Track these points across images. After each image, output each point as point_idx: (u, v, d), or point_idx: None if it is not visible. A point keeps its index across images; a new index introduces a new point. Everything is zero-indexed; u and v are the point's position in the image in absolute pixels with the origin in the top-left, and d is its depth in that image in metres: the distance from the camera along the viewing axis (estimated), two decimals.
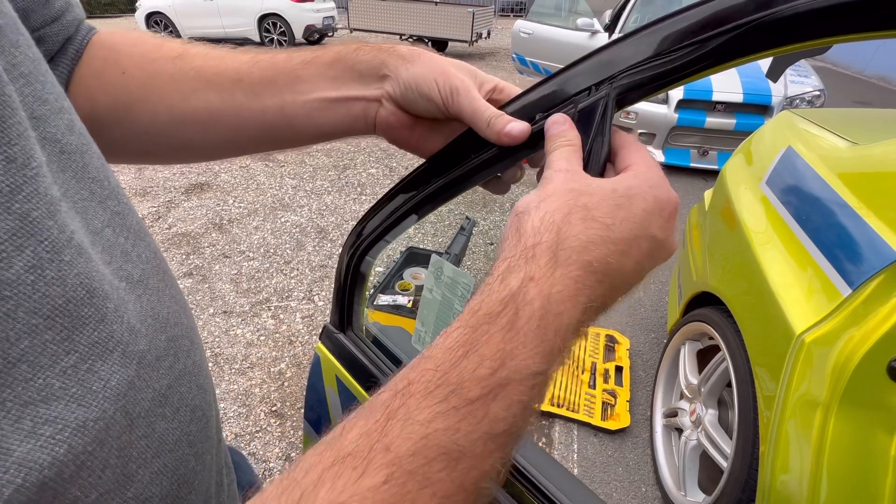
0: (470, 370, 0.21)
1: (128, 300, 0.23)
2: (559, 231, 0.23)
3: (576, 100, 0.31)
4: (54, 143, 0.22)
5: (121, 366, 0.21)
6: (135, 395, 0.22)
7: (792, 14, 0.24)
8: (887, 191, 1.03)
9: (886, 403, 0.87)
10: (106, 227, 0.24)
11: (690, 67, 0.28)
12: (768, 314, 1.10)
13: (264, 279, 2.52)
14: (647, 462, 1.61)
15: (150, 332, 0.24)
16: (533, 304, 0.22)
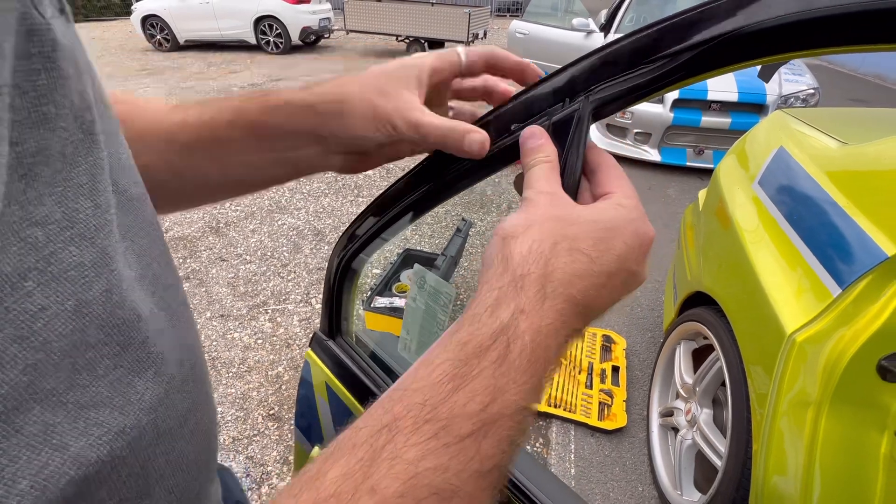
0: (461, 405, 0.20)
1: (164, 328, 0.25)
2: (547, 262, 0.24)
3: (549, 112, 0.31)
4: (123, 192, 0.25)
5: (154, 383, 0.23)
6: (164, 412, 0.24)
7: (759, 30, 0.25)
8: (877, 190, 1.04)
9: (877, 402, 0.88)
10: (154, 262, 0.27)
11: (664, 80, 0.29)
12: (760, 314, 1.11)
13: (261, 282, 2.52)
14: (644, 461, 1.62)
15: (178, 358, 0.26)
16: (524, 338, 0.22)
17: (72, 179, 0.21)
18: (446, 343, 0.23)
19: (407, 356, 0.44)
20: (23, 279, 0.19)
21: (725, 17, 0.26)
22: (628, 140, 3.98)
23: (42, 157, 0.20)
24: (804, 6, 0.23)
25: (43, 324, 0.19)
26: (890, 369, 0.85)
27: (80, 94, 0.22)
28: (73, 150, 0.21)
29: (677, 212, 3.27)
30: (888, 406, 0.87)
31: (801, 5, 0.23)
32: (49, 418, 0.19)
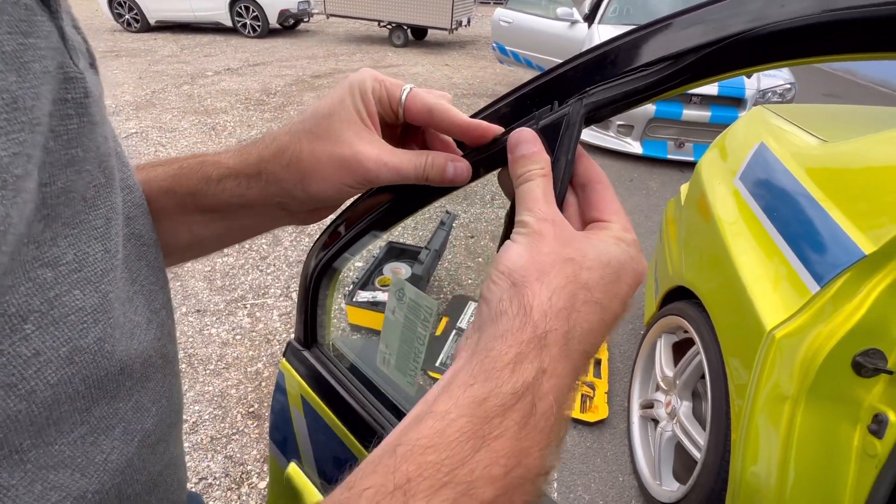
0: (482, 468, 0.19)
1: (152, 376, 0.25)
2: (569, 318, 0.22)
3: (537, 115, 0.29)
4: (139, 237, 0.26)
5: (122, 442, 0.22)
6: (131, 475, 0.23)
7: (769, 33, 0.23)
8: (855, 189, 1.05)
9: (851, 396, 0.90)
10: (162, 309, 0.27)
11: (665, 84, 0.26)
12: (740, 310, 1.12)
13: (239, 276, 2.45)
14: (625, 452, 1.65)
15: (160, 413, 0.25)
16: (548, 399, 0.21)
17: (89, 222, 0.21)
18: (456, 396, 0.21)
19: (386, 370, 0.41)
20: (24, 321, 0.18)
21: (734, 17, 0.24)
22: (611, 132, 4.00)
23: (66, 198, 0.20)
24: (822, 7, 0.21)
25: (34, 371, 0.18)
26: (864, 365, 0.87)
27: (104, 139, 0.22)
28: (95, 193, 0.22)
29: (658, 204, 3.31)
30: (861, 401, 0.89)
31: (820, 6, 0.21)
32: (5, 480, 0.17)
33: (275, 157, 0.30)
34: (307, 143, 0.29)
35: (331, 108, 0.29)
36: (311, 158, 0.29)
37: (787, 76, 3.91)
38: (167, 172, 0.32)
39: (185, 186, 0.32)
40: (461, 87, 5.99)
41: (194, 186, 0.32)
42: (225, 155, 0.32)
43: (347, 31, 9.71)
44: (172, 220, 0.32)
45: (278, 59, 6.89)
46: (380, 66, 6.89)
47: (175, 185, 0.32)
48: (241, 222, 0.34)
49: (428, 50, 8.44)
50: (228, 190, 0.31)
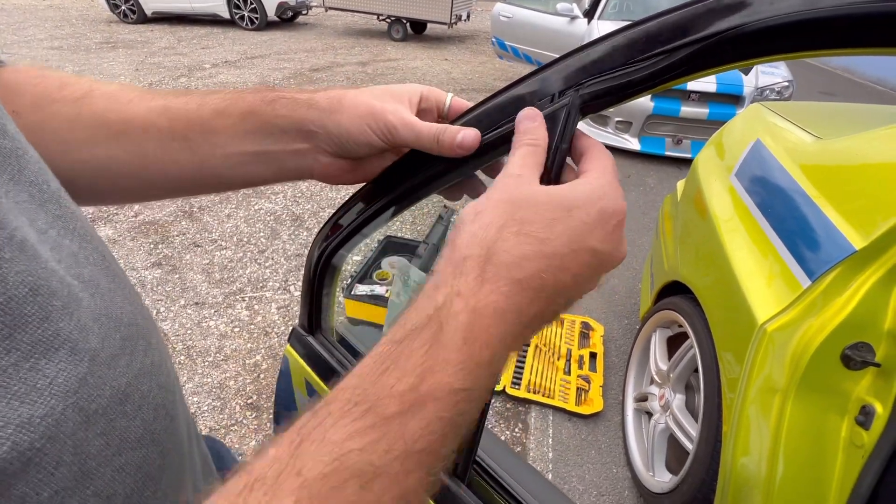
0: (388, 386, 0.20)
1: (81, 297, 0.23)
2: (491, 246, 0.23)
3: (538, 105, 0.30)
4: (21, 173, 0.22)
5: (69, 363, 0.21)
6: (88, 392, 0.22)
7: (761, 28, 0.24)
8: (847, 185, 1.07)
9: (839, 389, 0.92)
10: (50, 229, 0.24)
11: (659, 77, 0.28)
12: (733, 304, 1.14)
13: (238, 269, 2.46)
14: (619, 445, 1.67)
15: (103, 331, 0.24)
16: (458, 318, 0.21)
17: None
18: (391, 331, 0.23)
19: None
20: None
21: (727, 13, 0.25)
22: (609, 128, 4.01)
23: None
24: (810, 5, 0.22)
25: None
26: (853, 358, 0.89)
27: None
28: None
29: (656, 200, 3.33)
30: (850, 393, 0.91)
31: (808, 4, 0.22)
32: None
33: (325, 93, 0.35)
34: (354, 91, 0.35)
35: (387, 87, 0.36)
36: (352, 100, 0.34)
37: (785, 74, 3.92)
38: (221, 96, 0.35)
39: (238, 107, 0.35)
40: (460, 82, 5.98)
41: (248, 107, 0.34)
42: (285, 90, 0.36)
43: (346, 24, 9.64)
44: (214, 141, 0.35)
45: (276, 52, 6.85)
46: (378, 60, 6.86)
47: (229, 106, 0.35)
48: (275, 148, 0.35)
49: (427, 44, 8.40)
50: (277, 108, 0.34)
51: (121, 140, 0.34)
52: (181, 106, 0.35)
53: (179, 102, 0.35)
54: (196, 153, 0.35)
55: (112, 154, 0.34)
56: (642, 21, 0.28)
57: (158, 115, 0.34)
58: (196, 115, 0.34)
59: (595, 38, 0.29)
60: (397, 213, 0.41)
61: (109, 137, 0.34)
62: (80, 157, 0.34)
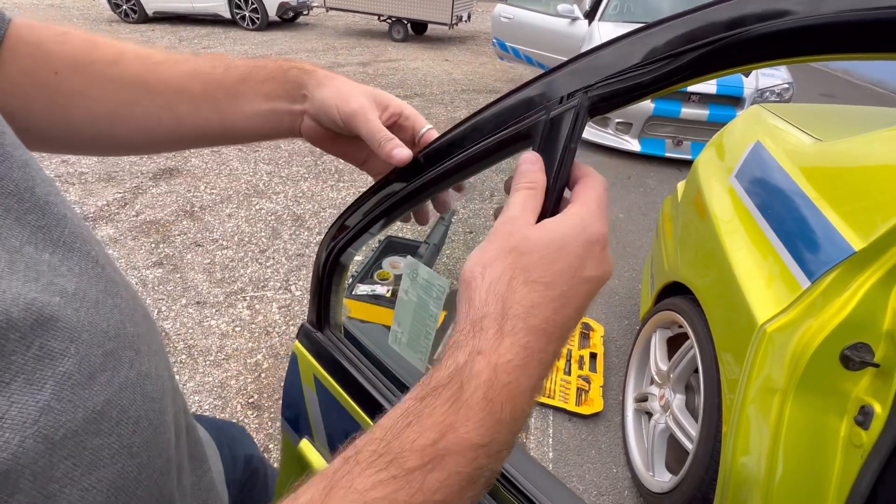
0: (411, 440, 0.21)
1: (58, 317, 0.22)
2: (504, 301, 0.24)
3: (548, 106, 0.31)
4: None
5: (24, 394, 0.20)
6: (54, 419, 0.21)
7: (765, 33, 0.25)
8: (846, 186, 1.08)
9: (839, 389, 0.93)
10: (26, 245, 0.23)
11: (666, 80, 0.28)
12: (733, 304, 1.15)
13: (239, 268, 2.46)
14: (619, 445, 1.68)
15: (81, 350, 0.23)
16: (479, 377, 0.23)
17: None
18: (416, 388, 0.24)
19: (397, 348, 0.43)
20: None
21: (731, 18, 0.26)
22: (609, 130, 4.02)
23: None
24: (813, 11, 0.23)
25: None
26: (852, 358, 0.90)
27: None
28: None
29: (656, 201, 3.35)
30: (849, 393, 0.92)
31: (811, 10, 0.23)
32: None
33: (326, 71, 0.40)
34: (346, 79, 0.40)
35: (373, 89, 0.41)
36: (339, 84, 0.39)
37: (785, 76, 3.93)
38: (243, 63, 0.41)
39: (259, 75, 0.40)
40: (461, 83, 5.99)
41: (269, 75, 0.40)
42: (297, 61, 0.41)
43: (347, 24, 9.66)
44: (238, 102, 0.40)
45: (277, 52, 6.86)
46: (379, 61, 6.87)
47: (251, 74, 0.40)
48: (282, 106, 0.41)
49: (428, 45, 8.41)
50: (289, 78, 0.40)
51: (158, 101, 0.38)
52: (209, 70, 0.39)
53: (206, 67, 0.40)
54: (221, 112, 0.40)
55: (150, 113, 0.39)
56: (649, 25, 0.28)
57: (190, 78, 0.39)
58: (223, 78, 0.39)
59: (599, 40, 0.30)
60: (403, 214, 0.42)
61: (148, 98, 0.38)
62: (121, 116, 0.38)
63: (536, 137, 0.31)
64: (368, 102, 0.38)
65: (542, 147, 0.31)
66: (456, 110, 4.90)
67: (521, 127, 0.32)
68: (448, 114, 4.75)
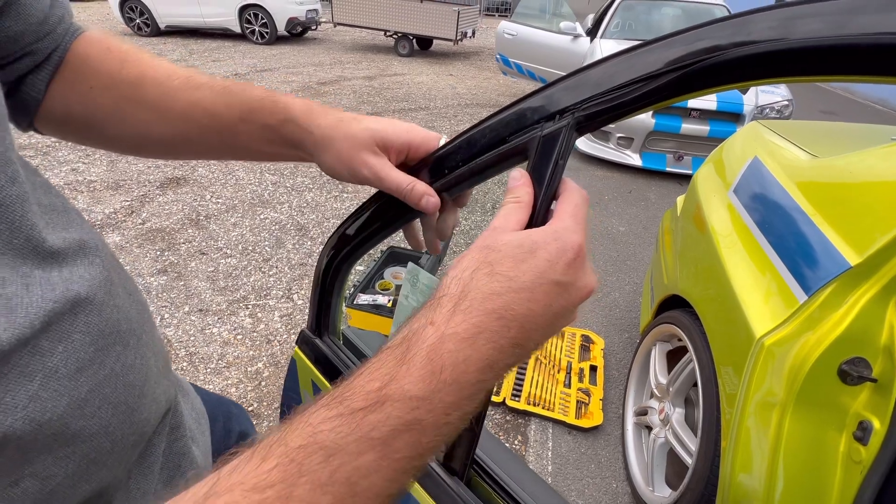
0: (360, 386, 0.25)
1: (57, 322, 0.27)
2: (465, 285, 0.27)
3: (542, 125, 0.33)
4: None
5: (16, 384, 0.25)
6: (41, 405, 0.26)
7: (739, 57, 0.27)
8: (843, 202, 1.09)
9: (837, 404, 0.93)
10: (36, 269, 0.27)
11: (647, 98, 0.30)
12: (732, 318, 1.15)
13: (242, 277, 2.48)
14: (619, 459, 1.67)
15: (69, 347, 0.28)
16: (426, 342, 0.25)
17: None
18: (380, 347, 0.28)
19: None
20: None
21: (705, 43, 0.28)
22: (611, 144, 4.06)
23: None
24: (782, 35, 0.25)
25: None
26: (849, 373, 0.90)
27: None
28: None
29: (656, 215, 3.36)
30: (847, 408, 0.92)
31: (779, 34, 0.25)
32: None
33: (323, 123, 0.40)
34: (345, 130, 0.39)
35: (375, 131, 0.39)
36: (340, 142, 0.39)
37: (785, 93, 3.98)
38: (241, 102, 0.41)
39: (257, 120, 0.41)
40: (465, 97, 6.08)
41: (265, 121, 0.41)
42: (295, 103, 0.41)
43: (354, 39, 9.85)
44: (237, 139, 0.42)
45: (285, 65, 6.99)
46: (385, 75, 6.98)
47: (249, 116, 0.41)
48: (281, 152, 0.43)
49: (433, 60, 8.55)
50: (286, 131, 0.41)
51: (171, 124, 0.42)
52: (212, 105, 0.41)
53: (209, 100, 0.41)
54: (226, 143, 0.43)
55: (165, 135, 0.43)
56: (630, 49, 0.30)
57: (197, 110, 0.42)
58: (226, 116, 0.41)
59: (594, 59, 0.32)
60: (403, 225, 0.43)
61: (164, 122, 0.42)
62: (142, 134, 0.43)
63: (531, 153, 0.33)
64: (376, 159, 0.38)
65: (536, 162, 0.33)
66: (459, 124, 4.96)
67: (518, 143, 0.34)
68: (451, 127, 4.81)
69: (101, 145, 0.46)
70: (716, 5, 4.98)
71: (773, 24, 0.26)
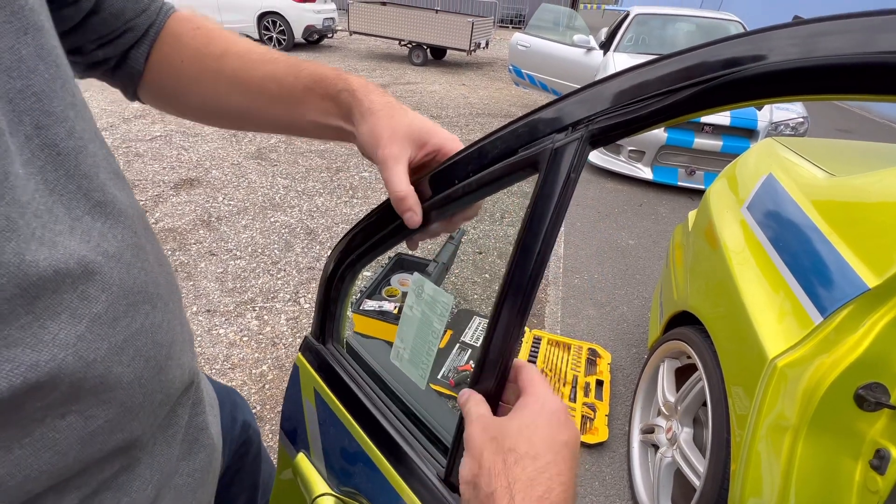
0: None
1: (100, 271, 0.30)
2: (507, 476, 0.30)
3: (553, 137, 0.32)
4: (53, 146, 0.28)
5: (68, 324, 0.28)
6: (87, 345, 0.29)
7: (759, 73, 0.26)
8: (860, 222, 1.07)
9: (853, 430, 0.90)
10: (86, 215, 0.30)
11: (662, 115, 0.30)
12: (744, 337, 1.13)
13: (250, 279, 2.50)
14: (624, 477, 1.63)
15: (110, 298, 0.31)
16: None
17: None
18: None
19: (398, 364, 0.44)
20: None
21: (721, 60, 0.27)
22: (622, 157, 4.04)
23: None
24: (803, 52, 0.24)
25: None
26: (866, 398, 0.87)
27: None
28: None
29: (667, 229, 3.33)
30: (864, 435, 0.89)
31: (801, 52, 0.24)
32: None
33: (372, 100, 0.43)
34: (389, 113, 0.42)
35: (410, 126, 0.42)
36: (376, 122, 0.41)
37: (800, 110, 3.94)
38: (309, 74, 0.46)
39: (320, 89, 0.45)
40: (477, 107, 6.11)
41: (325, 91, 0.45)
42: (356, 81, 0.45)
43: (368, 47, 9.98)
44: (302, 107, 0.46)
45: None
46: (398, 83, 7.06)
47: (315, 85, 0.45)
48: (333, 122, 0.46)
49: (446, 69, 8.63)
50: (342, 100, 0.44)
51: (245, 94, 0.47)
52: (283, 76, 0.46)
53: (282, 71, 0.46)
54: (290, 113, 0.47)
55: (238, 102, 0.48)
56: (647, 63, 0.30)
57: (270, 80, 0.46)
58: (292, 86, 0.45)
59: (614, 70, 0.31)
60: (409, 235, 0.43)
61: (239, 92, 0.47)
62: (221, 103, 0.48)
63: (542, 165, 0.33)
64: (399, 149, 0.40)
65: (547, 174, 0.32)
66: (471, 133, 4.99)
67: (529, 155, 0.34)
68: (463, 136, 4.83)
69: (183, 114, 0.51)
70: (731, 21, 4.97)
71: (794, 41, 0.25)
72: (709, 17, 5.09)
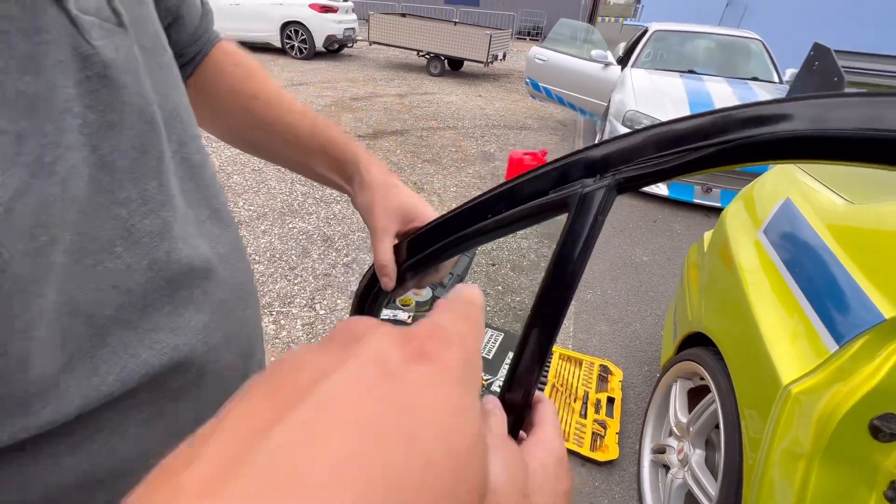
0: None
1: (214, 268, 0.36)
2: None
3: (584, 181, 0.35)
4: (188, 160, 0.34)
5: (196, 313, 0.34)
6: (209, 333, 0.34)
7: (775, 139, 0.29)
8: (879, 252, 1.07)
9: (867, 460, 0.90)
10: (206, 220, 0.36)
11: (685, 168, 0.33)
12: (758, 361, 1.13)
13: (268, 283, 2.56)
14: (633, 497, 1.62)
15: (222, 293, 0.36)
16: None
17: (144, 164, 0.29)
18: None
19: None
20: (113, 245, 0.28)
21: (744, 123, 0.30)
22: None
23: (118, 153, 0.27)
24: (818, 126, 0.27)
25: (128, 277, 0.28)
26: (881, 429, 0.87)
27: (139, 95, 0.29)
28: (143, 141, 0.29)
29: (682, 247, 3.31)
30: (878, 465, 0.89)
31: (815, 125, 0.27)
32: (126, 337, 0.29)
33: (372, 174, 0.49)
34: (383, 192, 0.48)
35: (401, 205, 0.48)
36: (370, 196, 0.48)
37: None
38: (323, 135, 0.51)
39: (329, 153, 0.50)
40: (492, 118, 6.16)
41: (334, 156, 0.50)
42: (361, 153, 0.50)
43: (387, 57, 10.15)
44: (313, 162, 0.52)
45: (320, 80, 7.25)
46: (415, 93, 7.16)
47: (325, 148, 0.50)
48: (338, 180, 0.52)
49: (463, 80, 8.73)
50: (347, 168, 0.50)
51: (267, 135, 0.53)
52: (302, 131, 0.51)
53: (302, 127, 0.51)
54: (303, 161, 0.53)
55: (260, 139, 0.54)
56: (674, 121, 0.33)
57: (290, 132, 0.51)
58: (309, 142, 0.51)
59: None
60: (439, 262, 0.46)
61: (262, 133, 0.53)
62: (242, 133, 0.55)
63: (571, 207, 0.36)
64: (388, 223, 0.45)
65: (576, 216, 0.35)
66: (486, 144, 5.03)
67: (559, 197, 0.37)
68: (478, 147, 4.88)
69: (206, 129, 0.55)
70: (751, 39, 4.96)
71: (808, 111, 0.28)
72: (728, 35, 5.08)
